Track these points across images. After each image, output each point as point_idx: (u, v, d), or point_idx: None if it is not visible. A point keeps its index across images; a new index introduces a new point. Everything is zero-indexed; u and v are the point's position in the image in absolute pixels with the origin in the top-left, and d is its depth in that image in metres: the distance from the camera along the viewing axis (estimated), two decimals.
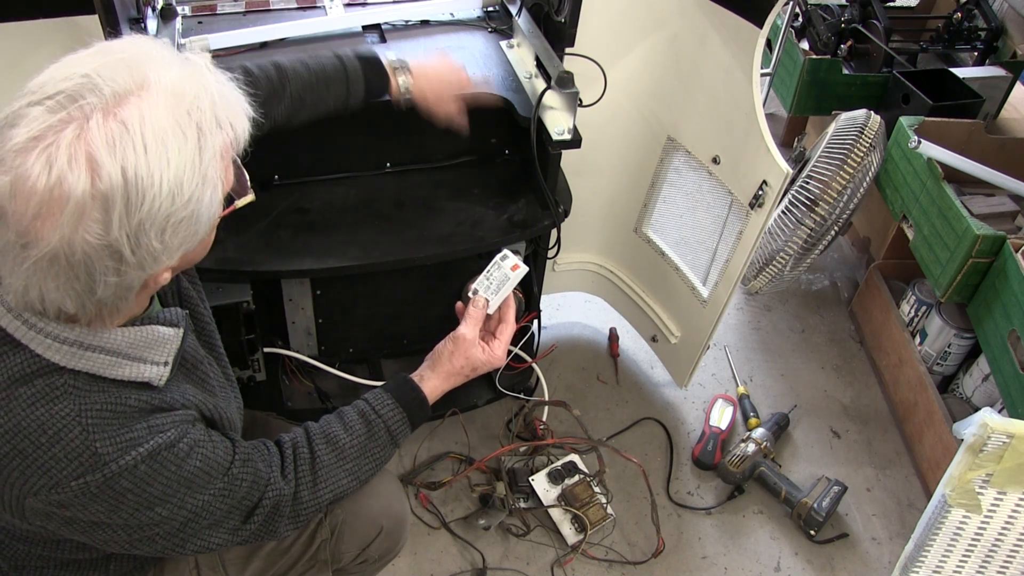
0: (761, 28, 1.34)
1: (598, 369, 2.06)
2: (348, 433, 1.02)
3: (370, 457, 1.03)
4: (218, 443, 0.89)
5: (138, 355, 0.81)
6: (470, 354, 1.12)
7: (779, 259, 1.91)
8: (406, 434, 1.07)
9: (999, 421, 1.05)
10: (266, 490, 0.94)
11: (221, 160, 0.76)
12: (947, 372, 1.96)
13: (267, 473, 0.94)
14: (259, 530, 0.95)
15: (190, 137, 0.71)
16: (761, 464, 1.79)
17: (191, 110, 0.72)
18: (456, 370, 1.12)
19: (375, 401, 1.06)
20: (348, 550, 1.16)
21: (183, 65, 0.75)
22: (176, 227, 0.72)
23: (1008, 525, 1.13)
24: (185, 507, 0.85)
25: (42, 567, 0.97)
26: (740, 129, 1.48)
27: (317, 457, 0.99)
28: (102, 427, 0.77)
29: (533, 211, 1.53)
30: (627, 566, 1.65)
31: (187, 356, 0.91)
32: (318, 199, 1.49)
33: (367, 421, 1.04)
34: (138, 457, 0.79)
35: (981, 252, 1.71)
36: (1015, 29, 2.51)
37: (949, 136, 1.99)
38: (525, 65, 1.52)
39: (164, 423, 0.82)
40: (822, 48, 2.55)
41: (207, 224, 0.76)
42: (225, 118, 0.76)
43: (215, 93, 0.76)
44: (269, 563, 1.12)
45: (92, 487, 0.77)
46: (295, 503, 0.97)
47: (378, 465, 1.05)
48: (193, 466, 0.84)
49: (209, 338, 1.03)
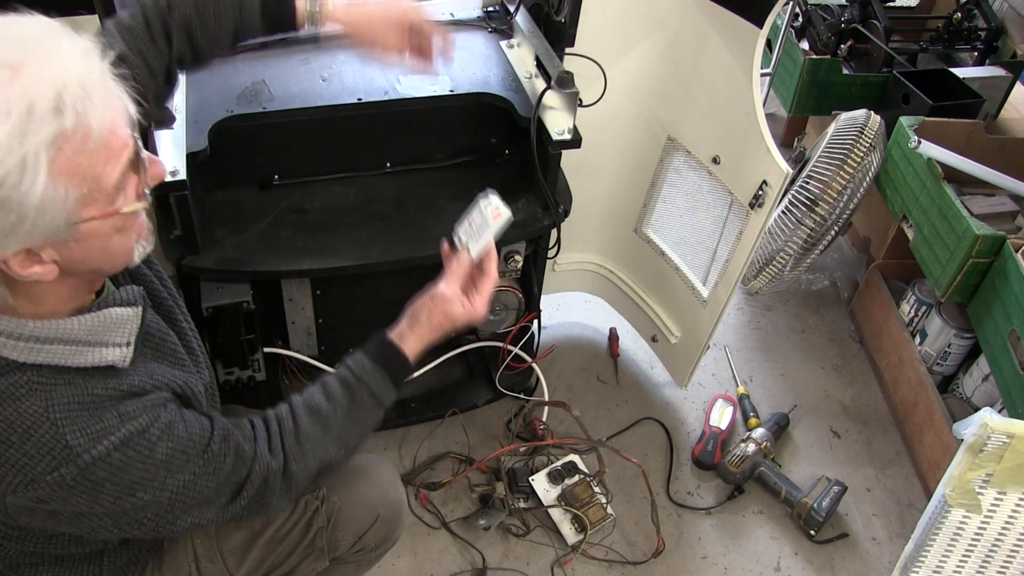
0: (761, 28, 1.34)
1: (598, 369, 2.06)
2: (331, 402, 1.02)
3: (356, 422, 1.03)
4: (192, 422, 0.88)
5: (98, 340, 0.81)
6: (448, 310, 1.09)
7: (779, 259, 1.91)
8: (391, 394, 1.06)
9: (999, 421, 1.05)
10: (253, 465, 0.93)
11: (59, 152, 0.69)
12: (947, 372, 1.96)
13: (251, 448, 0.94)
14: (250, 505, 0.95)
15: (15, 114, 0.66)
16: (761, 464, 1.79)
17: (28, 89, 0.67)
18: (435, 326, 1.09)
19: (355, 366, 1.05)
20: (345, 538, 1.16)
21: (46, 44, 0.70)
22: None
23: (1008, 525, 1.13)
24: (167, 488, 0.85)
25: (36, 564, 0.97)
26: (740, 129, 1.48)
27: (301, 429, 0.99)
28: (71, 420, 0.77)
29: (533, 211, 1.53)
30: (627, 566, 1.65)
31: (151, 333, 0.91)
32: (318, 199, 1.49)
33: (348, 387, 1.03)
34: (110, 446, 0.79)
35: (981, 252, 1.71)
36: (1015, 29, 2.51)
37: (949, 136, 1.99)
38: (525, 65, 1.52)
39: (134, 409, 0.82)
40: (822, 48, 2.55)
41: (45, 219, 0.70)
42: (72, 107, 0.69)
43: (71, 81, 0.69)
44: (267, 552, 1.13)
45: (68, 480, 0.78)
46: (286, 476, 0.97)
47: (366, 429, 1.05)
48: (168, 448, 0.84)
49: (169, 313, 1.02)
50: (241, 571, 1.12)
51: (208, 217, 1.42)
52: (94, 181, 0.73)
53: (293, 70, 1.45)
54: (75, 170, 0.71)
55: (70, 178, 0.71)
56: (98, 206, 0.74)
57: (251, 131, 1.38)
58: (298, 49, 1.51)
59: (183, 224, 1.31)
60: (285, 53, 1.49)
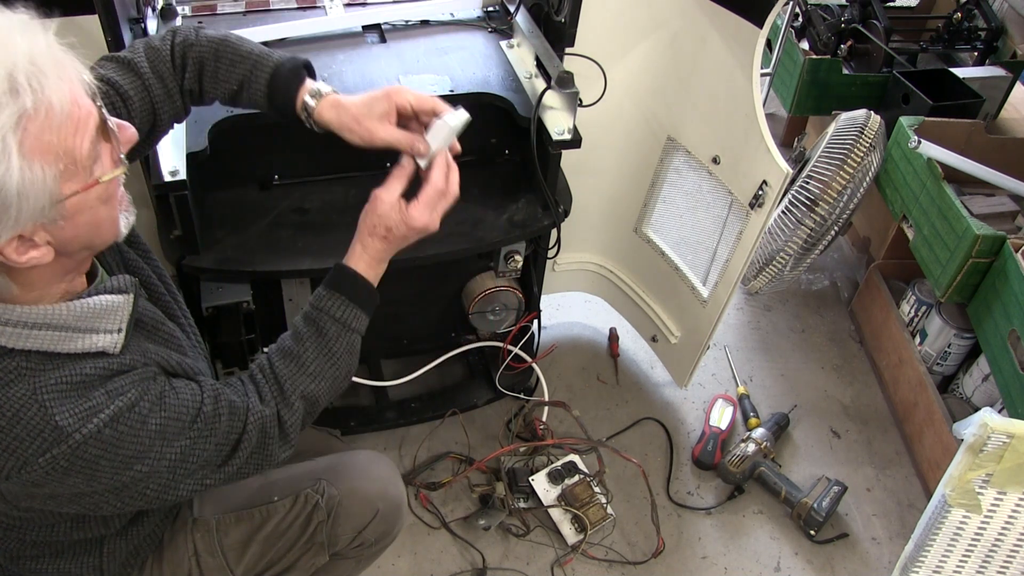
0: (761, 28, 1.34)
1: (598, 369, 2.06)
2: (298, 340, 1.01)
3: (329, 353, 1.02)
4: (182, 389, 0.89)
5: (89, 326, 0.81)
6: (382, 212, 1.02)
7: (779, 259, 1.91)
8: (356, 314, 1.03)
9: (999, 421, 1.05)
10: (247, 418, 0.93)
11: (25, 132, 0.69)
12: (947, 372, 1.96)
13: (243, 402, 0.94)
14: (252, 458, 0.95)
15: None
16: (761, 464, 1.79)
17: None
18: (370, 229, 1.03)
19: (314, 299, 1.03)
20: (344, 532, 1.16)
21: None
22: None
23: (1008, 525, 1.13)
24: (165, 457, 0.85)
25: (37, 556, 0.97)
26: (740, 129, 1.48)
27: (279, 374, 0.99)
28: (60, 400, 0.78)
29: (533, 211, 1.53)
30: (627, 566, 1.65)
31: (144, 319, 0.91)
32: (318, 199, 1.49)
33: (311, 320, 1.02)
34: (100, 423, 0.79)
35: (981, 252, 1.71)
36: (1015, 29, 2.51)
37: (949, 136, 1.99)
38: (525, 65, 1.52)
39: (123, 385, 0.82)
40: (822, 48, 2.55)
41: (28, 203, 0.70)
42: (27, 85, 0.68)
43: (20, 59, 0.69)
44: (267, 547, 1.13)
45: (61, 460, 0.78)
46: (281, 424, 0.98)
47: (343, 358, 1.03)
48: (161, 417, 0.84)
49: (166, 308, 1.02)
50: (241, 566, 1.12)
51: (208, 217, 1.42)
52: (67, 155, 0.72)
53: None
54: (46, 148, 0.70)
55: (43, 156, 0.70)
56: (78, 179, 0.74)
57: (251, 131, 1.38)
58: (298, 49, 1.50)
59: (183, 224, 1.31)
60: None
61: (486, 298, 1.66)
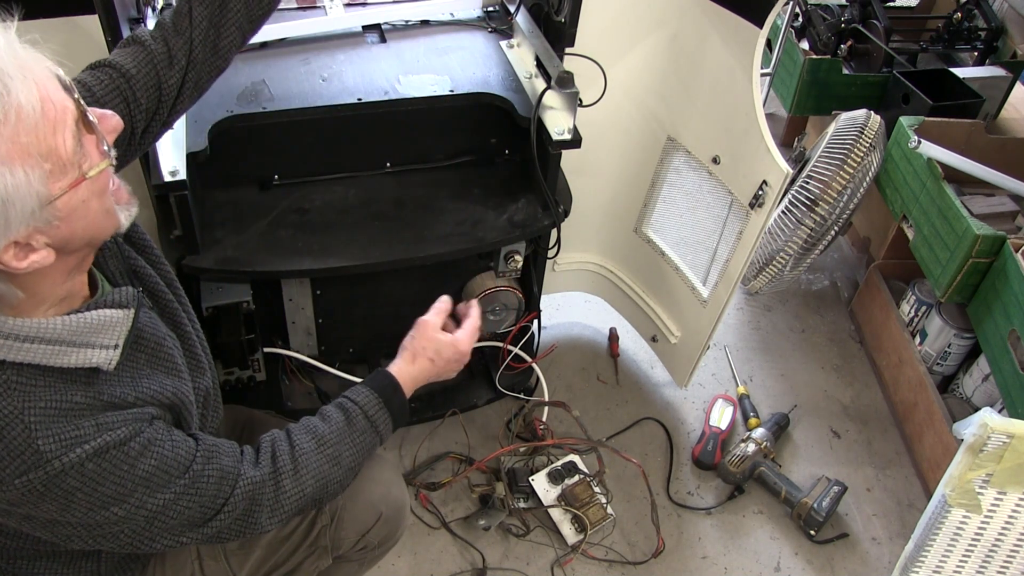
0: (761, 28, 1.34)
1: (598, 369, 2.06)
2: (326, 422, 1.02)
3: (351, 443, 1.03)
4: (179, 441, 0.87)
5: (84, 341, 0.79)
6: (430, 335, 1.15)
7: (779, 259, 1.91)
8: (386, 422, 1.07)
9: (999, 421, 1.06)
10: (236, 483, 0.92)
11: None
12: (947, 372, 1.96)
13: (235, 467, 0.92)
14: (235, 524, 0.93)
15: None
16: (761, 464, 1.79)
17: None
18: (420, 351, 1.14)
19: (351, 392, 1.07)
20: (348, 536, 1.16)
21: None
22: None
23: (1008, 525, 1.13)
24: (145, 507, 0.83)
25: (34, 559, 0.97)
26: (740, 129, 1.48)
27: (296, 445, 0.98)
28: (45, 424, 0.76)
29: (533, 211, 1.53)
30: (627, 566, 1.65)
31: (144, 337, 0.89)
32: (318, 199, 1.49)
33: (344, 409, 1.04)
34: (83, 455, 0.77)
35: (981, 252, 1.71)
36: (1015, 29, 2.51)
37: (949, 136, 1.99)
38: (525, 65, 1.52)
39: (114, 421, 0.81)
40: (822, 48, 2.55)
41: (17, 209, 0.69)
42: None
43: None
44: (270, 550, 1.13)
45: (36, 485, 0.76)
46: (277, 492, 0.96)
47: (361, 452, 1.05)
48: (149, 465, 0.83)
49: (173, 316, 1.01)
50: (244, 570, 1.12)
51: (208, 217, 1.42)
52: (51, 155, 0.71)
53: (293, 70, 1.45)
54: (25, 151, 0.68)
55: (24, 160, 0.68)
56: (66, 178, 0.72)
57: (251, 131, 1.38)
58: (298, 49, 1.50)
59: (183, 224, 1.31)
60: (285, 53, 1.49)
61: (486, 298, 1.66)
